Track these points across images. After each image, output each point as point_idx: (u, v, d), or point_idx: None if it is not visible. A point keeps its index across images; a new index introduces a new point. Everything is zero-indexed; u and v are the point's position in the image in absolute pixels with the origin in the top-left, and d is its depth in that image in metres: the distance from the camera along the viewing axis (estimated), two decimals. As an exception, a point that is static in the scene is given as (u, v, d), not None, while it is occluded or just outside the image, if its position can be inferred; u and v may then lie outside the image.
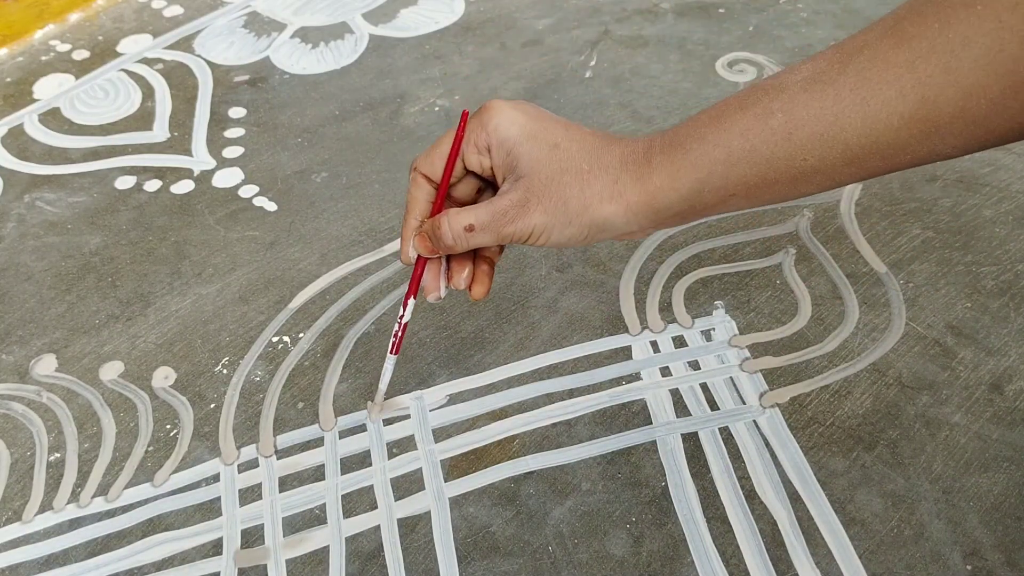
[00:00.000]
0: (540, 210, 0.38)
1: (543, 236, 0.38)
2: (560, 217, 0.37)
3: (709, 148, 0.34)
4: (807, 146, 0.32)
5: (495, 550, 0.47)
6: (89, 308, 0.65)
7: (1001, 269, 0.60)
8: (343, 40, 0.96)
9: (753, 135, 0.33)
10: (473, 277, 0.44)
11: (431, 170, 0.42)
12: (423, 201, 0.42)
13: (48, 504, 0.52)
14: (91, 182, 0.78)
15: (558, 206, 0.37)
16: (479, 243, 0.40)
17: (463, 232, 0.39)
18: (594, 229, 0.38)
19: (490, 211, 0.39)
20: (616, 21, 0.94)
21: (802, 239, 0.64)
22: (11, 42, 0.99)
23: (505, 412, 0.55)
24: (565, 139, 0.38)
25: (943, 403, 0.52)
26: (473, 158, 0.40)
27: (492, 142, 0.39)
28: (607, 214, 0.37)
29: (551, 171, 0.37)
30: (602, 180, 0.37)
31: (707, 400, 0.54)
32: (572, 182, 0.37)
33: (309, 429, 0.55)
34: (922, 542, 0.46)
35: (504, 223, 0.38)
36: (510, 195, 0.38)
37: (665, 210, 0.36)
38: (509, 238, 0.39)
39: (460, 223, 0.39)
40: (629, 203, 0.36)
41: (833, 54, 0.32)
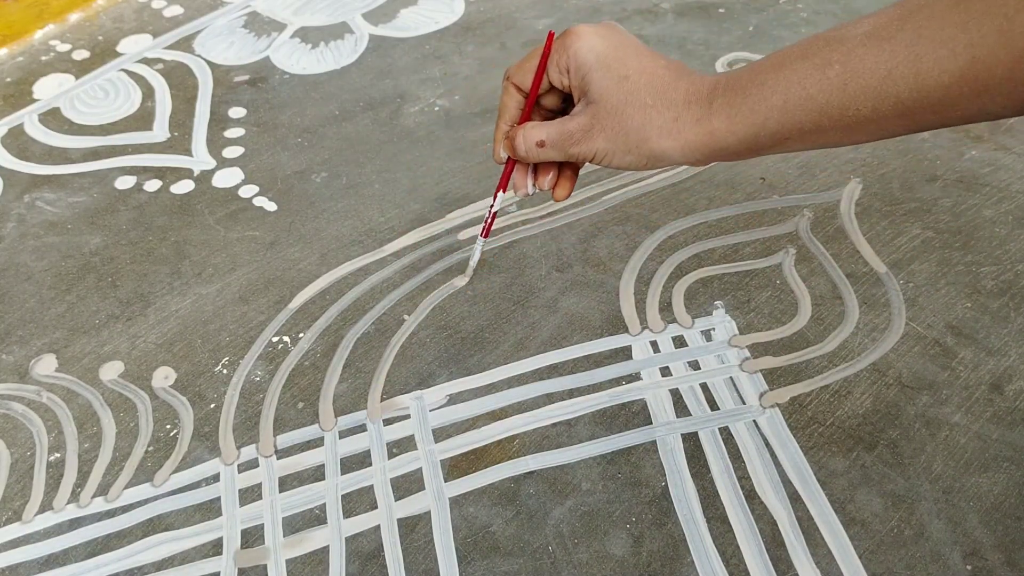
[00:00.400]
0: (603, 137, 0.41)
1: (604, 159, 0.42)
2: (620, 145, 0.41)
3: (768, 94, 0.36)
4: (860, 97, 0.33)
5: (495, 550, 0.47)
6: (89, 308, 0.65)
7: (1001, 269, 0.60)
8: (343, 40, 0.96)
9: (810, 83, 0.35)
10: (557, 181, 0.47)
11: (522, 80, 0.45)
12: (513, 108, 0.46)
13: (48, 504, 0.52)
14: (91, 182, 0.78)
15: (619, 135, 0.40)
16: (548, 158, 0.44)
17: (534, 146, 0.44)
18: (652, 159, 0.41)
19: (559, 131, 0.42)
20: (616, 21, 0.94)
21: (802, 239, 0.64)
22: (11, 42, 0.99)
23: (505, 412, 0.55)
24: (636, 71, 0.40)
25: (943, 403, 0.52)
26: (555, 76, 0.44)
27: (571, 65, 0.42)
28: (664, 148, 0.40)
29: (617, 101, 0.40)
30: (663, 116, 0.39)
31: (707, 400, 0.54)
32: (635, 114, 0.40)
33: (309, 429, 0.55)
34: (922, 542, 0.46)
35: (570, 144, 0.42)
36: (578, 119, 0.42)
37: (721, 150, 0.39)
38: (574, 157, 0.43)
39: (532, 138, 0.44)
40: (687, 140, 0.39)
41: (894, 11, 0.33)
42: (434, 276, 0.65)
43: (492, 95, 0.84)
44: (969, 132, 0.73)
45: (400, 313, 0.62)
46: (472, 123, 0.81)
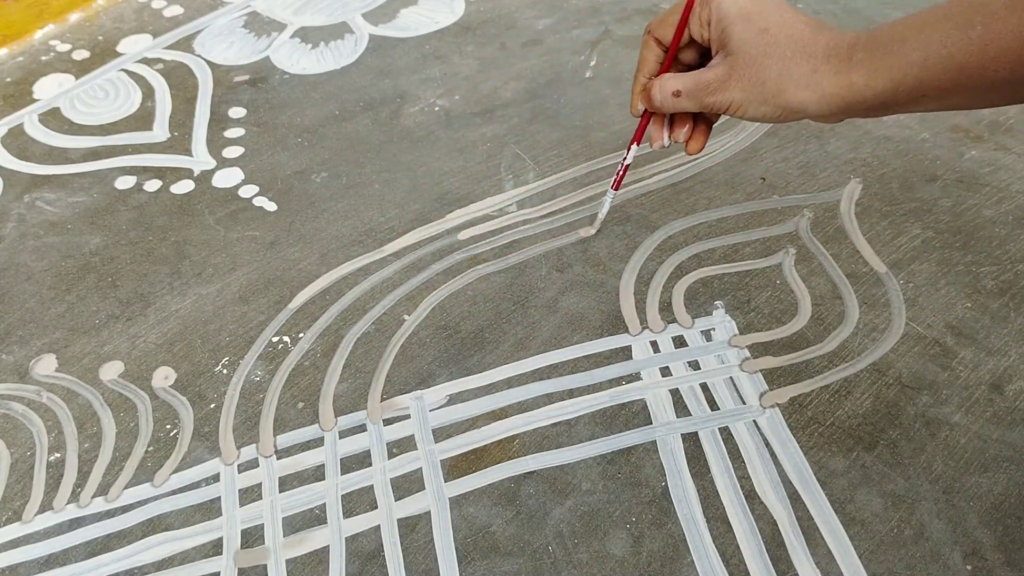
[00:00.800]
0: (739, 87, 0.42)
1: (739, 110, 0.43)
2: (756, 95, 0.42)
3: (908, 50, 0.37)
4: (1000, 59, 0.34)
5: (495, 550, 0.47)
6: (89, 308, 0.65)
7: (1001, 269, 0.60)
8: (343, 40, 0.96)
9: (951, 43, 0.35)
10: (691, 134, 0.49)
11: (663, 34, 0.47)
12: (652, 61, 0.48)
13: (48, 504, 0.52)
14: (91, 182, 0.78)
15: (756, 85, 0.41)
16: (683, 108, 0.45)
17: (670, 96, 0.45)
18: (787, 111, 0.42)
19: (695, 81, 0.44)
20: (616, 21, 0.94)
21: (802, 239, 0.64)
22: (11, 42, 0.99)
23: (505, 412, 0.55)
24: (776, 25, 0.41)
25: (943, 403, 0.52)
26: (696, 29, 0.45)
27: (712, 17, 0.43)
28: (801, 99, 0.40)
29: (755, 53, 0.41)
30: (802, 68, 0.40)
31: (707, 400, 0.54)
32: (773, 66, 0.41)
33: (309, 429, 0.55)
34: (922, 542, 0.46)
35: (706, 94, 0.43)
36: (715, 69, 0.43)
37: (858, 104, 0.39)
38: (709, 107, 0.44)
39: (669, 88, 0.45)
40: (824, 93, 0.40)
41: None
42: (434, 276, 0.65)
43: (492, 95, 0.84)
44: (969, 132, 0.73)
45: (400, 313, 0.62)
46: (472, 123, 0.81)
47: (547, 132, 0.78)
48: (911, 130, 0.74)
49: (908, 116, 0.75)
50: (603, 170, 0.73)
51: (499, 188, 0.72)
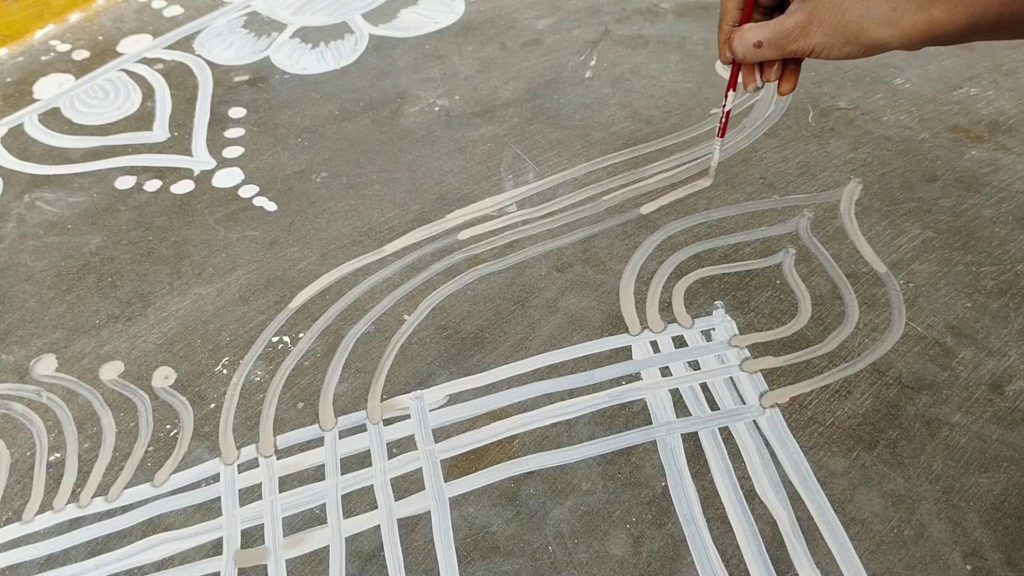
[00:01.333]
0: (821, 31, 0.42)
1: (823, 53, 0.43)
2: (839, 38, 0.42)
3: None
4: None
5: (495, 550, 0.47)
6: (89, 308, 0.65)
7: (1001, 269, 0.60)
8: (343, 40, 0.96)
9: None
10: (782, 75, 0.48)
11: None
12: (733, 9, 0.48)
13: (48, 504, 0.52)
14: (91, 182, 0.78)
15: (837, 28, 0.42)
16: (765, 57, 0.45)
17: (751, 47, 0.45)
18: (869, 49, 0.42)
19: (776, 30, 0.44)
20: (616, 21, 0.94)
21: (802, 239, 0.64)
22: (11, 42, 0.99)
23: (505, 412, 0.55)
24: None
25: (943, 403, 0.52)
26: None
27: None
28: (883, 36, 0.41)
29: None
30: (882, 6, 0.40)
31: (707, 400, 0.54)
32: (853, 7, 0.41)
33: (309, 429, 0.55)
34: (922, 542, 0.46)
35: (788, 41, 0.44)
36: (795, 16, 0.43)
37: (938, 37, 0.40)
38: (792, 54, 0.44)
39: (750, 39, 0.45)
40: (906, 28, 0.40)
41: None
42: (434, 276, 0.65)
43: (492, 95, 0.84)
44: (969, 132, 0.73)
45: (400, 313, 0.62)
46: (472, 123, 0.81)
47: (547, 132, 0.78)
48: (911, 130, 0.74)
49: (908, 116, 0.75)
50: (603, 170, 0.73)
51: (499, 188, 0.72)
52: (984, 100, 0.76)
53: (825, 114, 0.76)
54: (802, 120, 0.76)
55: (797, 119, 0.76)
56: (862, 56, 0.43)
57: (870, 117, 0.76)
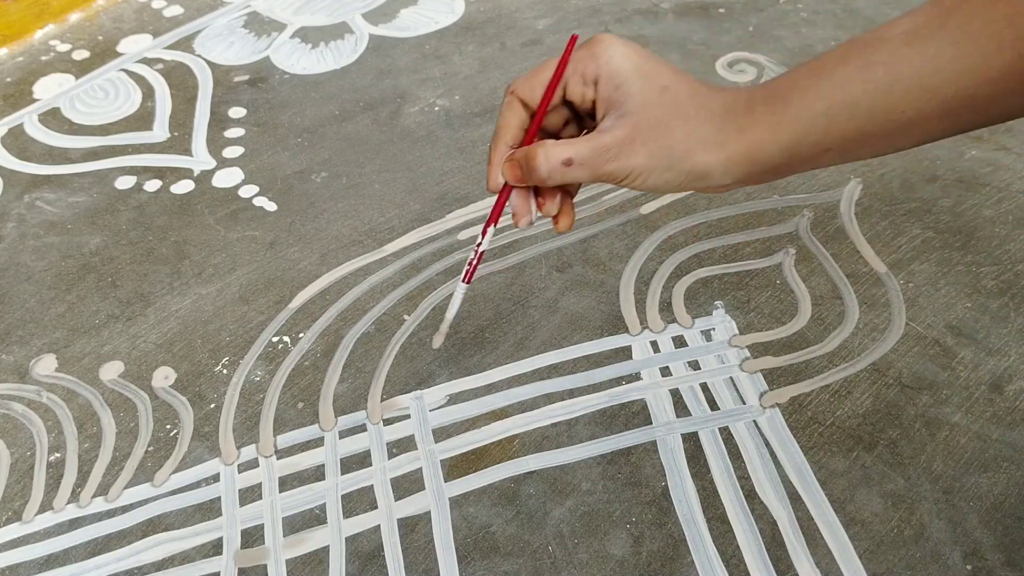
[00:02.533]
0: (644, 152, 0.37)
1: (639, 178, 0.38)
2: (662, 161, 0.37)
3: (811, 101, 0.35)
4: (906, 99, 0.33)
5: (495, 550, 0.47)
6: (89, 308, 0.65)
7: (1001, 269, 0.60)
8: (343, 40, 0.96)
9: (854, 87, 0.34)
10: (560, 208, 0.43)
11: (529, 95, 0.41)
12: (515, 127, 0.42)
13: (48, 504, 0.52)
14: (91, 182, 0.78)
15: (663, 149, 0.37)
16: (574, 179, 0.39)
17: (560, 166, 0.39)
18: (691, 177, 0.38)
19: (591, 146, 0.38)
20: (616, 21, 0.94)
21: (802, 239, 0.64)
22: (11, 42, 0.99)
23: (505, 412, 0.55)
24: (674, 82, 0.38)
25: (943, 403, 0.52)
26: (576, 88, 0.40)
27: (601, 74, 0.38)
28: (708, 162, 0.37)
29: (660, 113, 0.37)
30: (707, 127, 0.37)
31: (707, 400, 0.54)
32: (679, 127, 0.37)
33: (309, 429, 0.55)
34: (922, 542, 0.46)
35: (605, 160, 0.38)
36: (614, 132, 0.38)
37: (763, 163, 0.37)
38: (606, 176, 0.39)
39: (558, 156, 0.38)
40: (730, 154, 0.37)
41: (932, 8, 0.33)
42: (434, 276, 0.65)
43: (492, 95, 0.84)
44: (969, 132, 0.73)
45: (400, 313, 0.62)
46: (472, 123, 0.81)
47: (547, 132, 0.78)
48: (911, 130, 0.74)
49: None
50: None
51: (499, 188, 0.72)
52: (984, 100, 0.76)
53: (825, 114, 0.76)
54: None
55: (797, 119, 0.76)
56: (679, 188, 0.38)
57: (870, 117, 0.75)
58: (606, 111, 0.39)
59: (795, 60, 0.85)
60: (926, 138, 0.34)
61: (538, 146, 0.39)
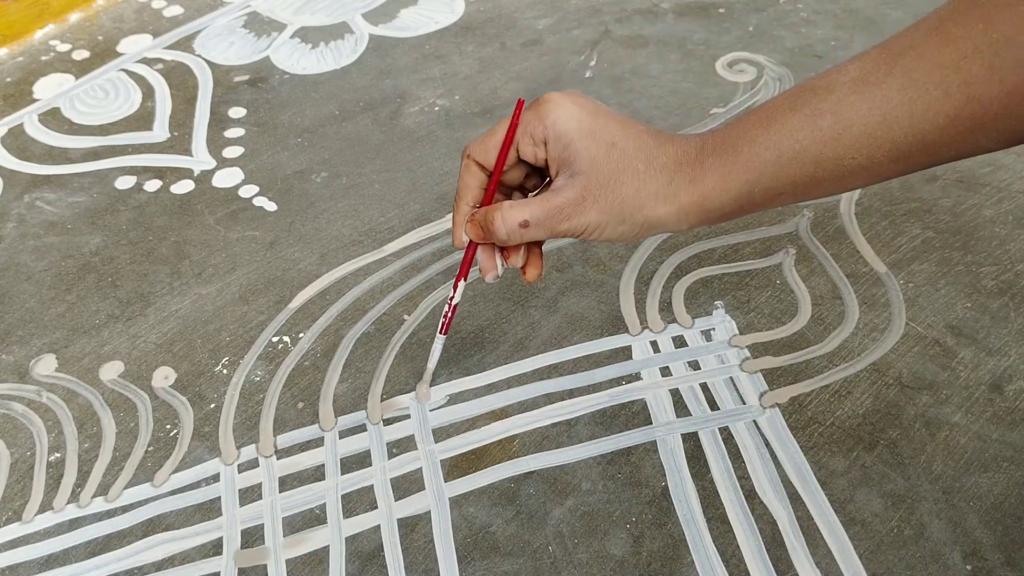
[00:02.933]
0: (596, 208, 0.38)
1: (595, 233, 0.39)
2: (615, 216, 0.38)
3: (760, 150, 0.35)
4: (855, 146, 0.33)
5: (495, 550, 0.48)
6: (89, 308, 0.65)
7: (1001, 269, 0.60)
8: (343, 40, 0.96)
9: (803, 136, 0.34)
10: (527, 259, 0.44)
11: (484, 158, 0.42)
12: (475, 187, 0.43)
13: (48, 504, 0.52)
14: (91, 182, 0.78)
15: (614, 205, 0.38)
16: (532, 238, 0.41)
17: (517, 228, 0.40)
18: (646, 227, 0.39)
19: (545, 208, 0.39)
20: (616, 21, 0.94)
21: (802, 239, 0.64)
22: (11, 42, 0.99)
23: (505, 412, 0.55)
24: (622, 138, 0.38)
25: (943, 403, 0.52)
26: (528, 149, 0.41)
27: (549, 136, 0.39)
28: (660, 214, 0.38)
29: (609, 170, 0.38)
30: (657, 181, 0.38)
31: (707, 400, 0.54)
32: (629, 182, 0.38)
33: (309, 429, 0.55)
34: (922, 542, 0.46)
35: (559, 220, 0.39)
36: (565, 192, 0.39)
37: (715, 210, 0.38)
38: (562, 234, 0.40)
39: (515, 219, 0.40)
40: (682, 204, 0.37)
41: (879, 54, 0.33)
42: (434, 276, 0.65)
43: (492, 95, 0.84)
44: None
45: (400, 313, 0.62)
46: (472, 123, 0.81)
47: (547, 132, 0.78)
48: (911, 130, 0.74)
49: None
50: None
51: (499, 188, 0.72)
52: (984, 100, 0.76)
53: (825, 114, 0.76)
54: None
55: (797, 119, 0.76)
56: (635, 237, 0.40)
57: (870, 117, 0.75)
58: (558, 170, 0.40)
59: (795, 60, 0.85)
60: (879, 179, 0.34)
61: (495, 208, 0.41)
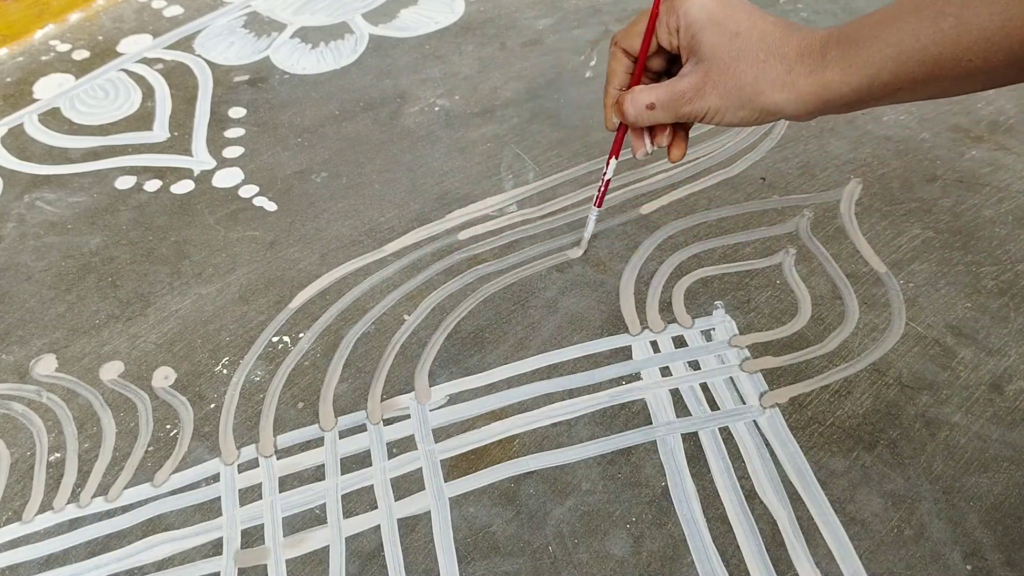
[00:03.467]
0: (716, 94, 0.41)
1: (716, 116, 0.42)
2: (733, 101, 0.41)
3: (881, 46, 0.37)
4: (973, 49, 0.34)
5: (495, 550, 0.48)
6: (89, 308, 0.65)
7: (1001, 269, 0.60)
8: (343, 40, 0.96)
9: (924, 36, 0.35)
10: (672, 140, 0.48)
11: (629, 44, 0.46)
12: (621, 73, 0.47)
13: (48, 504, 0.52)
14: (91, 182, 0.78)
15: (732, 91, 0.41)
16: (657, 120, 0.44)
17: (644, 109, 0.44)
18: (764, 113, 0.41)
19: (669, 92, 0.43)
20: (616, 21, 0.94)
21: (802, 239, 0.64)
22: (11, 42, 0.99)
23: (505, 412, 0.55)
24: (747, 27, 0.41)
25: (943, 403, 0.52)
26: (664, 36, 0.44)
27: (680, 24, 0.42)
28: (778, 100, 0.40)
29: (729, 58, 0.41)
30: (776, 69, 0.40)
31: (707, 400, 0.54)
32: (748, 70, 0.40)
33: (309, 429, 0.55)
34: (922, 542, 0.46)
35: (681, 104, 0.43)
36: (689, 78, 0.42)
37: (834, 100, 0.39)
38: (685, 117, 0.43)
39: (642, 101, 0.44)
40: (800, 92, 0.39)
41: None
42: (434, 276, 0.65)
43: (492, 95, 0.84)
44: (969, 132, 0.73)
45: (400, 313, 0.62)
46: (472, 123, 0.81)
47: (547, 132, 0.78)
48: (911, 130, 0.74)
49: (908, 116, 0.75)
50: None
51: (499, 188, 0.72)
52: (984, 100, 0.76)
53: (825, 114, 0.76)
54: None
55: (797, 119, 0.76)
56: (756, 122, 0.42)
57: (870, 117, 0.76)
58: (686, 58, 0.43)
59: (795, 60, 0.85)
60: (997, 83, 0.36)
61: (627, 93, 0.45)
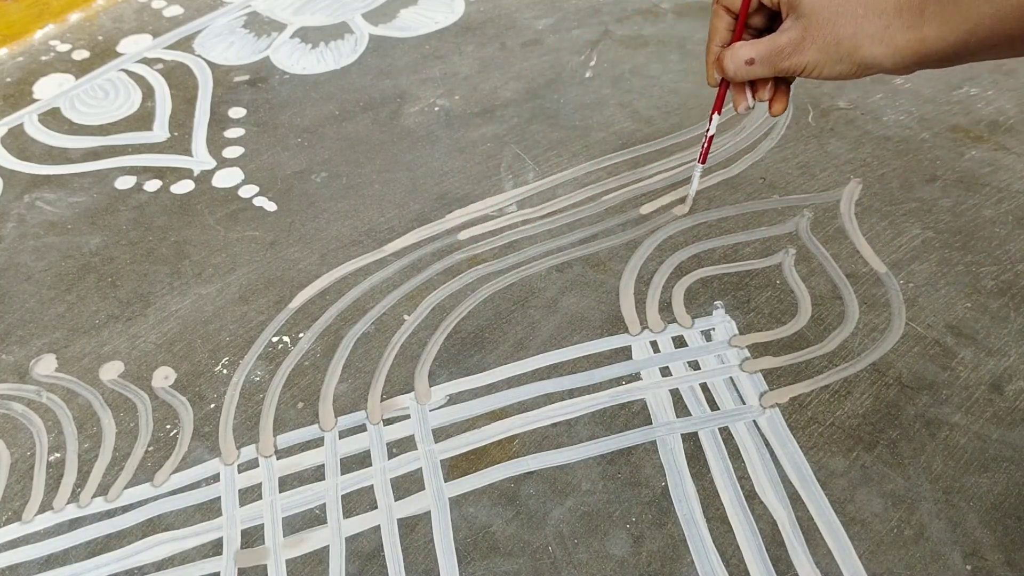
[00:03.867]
0: (814, 48, 0.42)
1: (815, 71, 0.43)
2: (832, 55, 0.42)
3: (980, 2, 0.37)
4: None
5: (495, 550, 0.47)
6: (89, 308, 0.65)
7: (1001, 269, 0.60)
8: (343, 40, 0.96)
9: None
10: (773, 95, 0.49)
11: (731, 2, 0.47)
12: (723, 30, 0.48)
13: (48, 504, 0.52)
14: (91, 182, 0.78)
15: (831, 45, 0.42)
16: (757, 75, 0.46)
17: (743, 64, 0.45)
18: (862, 68, 0.42)
19: (769, 47, 0.44)
20: (616, 21, 0.94)
21: (802, 239, 0.64)
22: (11, 42, 0.99)
23: (505, 412, 0.55)
24: None
25: (943, 403, 0.52)
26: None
27: None
28: (876, 54, 0.41)
29: (829, 13, 0.42)
30: (875, 24, 0.41)
31: (707, 400, 0.54)
32: (846, 24, 0.41)
33: (309, 429, 0.55)
34: (922, 542, 0.46)
35: (781, 58, 0.44)
36: (788, 33, 0.43)
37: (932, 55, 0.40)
38: (785, 71, 0.44)
39: (741, 56, 0.45)
40: (898, 47, 0.40)
41: None
42: (434, 276, 0.65)
43: (492, 95, 0.84)
44: (969, 132, 0.73)
45: (400, 313, 0.62)
46: (472, 123, 0.81)
47: (547, 132, 0.78)
48: (911, 130, 0.74)
49: (908, 116, 0.75)
50: (603, 170, 0.73)
51: (499, 188, 0.72)
52: (984, 100, 0.76)
53: (825, 114, 0.76)
54: (802, 120, 0.76)
55: (797, 119, 0.76)
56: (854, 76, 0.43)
57: (870, 117, 0.76)
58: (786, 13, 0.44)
59: (795, 60, 0.85)
60: None
61: (727, 49, 0.47)
